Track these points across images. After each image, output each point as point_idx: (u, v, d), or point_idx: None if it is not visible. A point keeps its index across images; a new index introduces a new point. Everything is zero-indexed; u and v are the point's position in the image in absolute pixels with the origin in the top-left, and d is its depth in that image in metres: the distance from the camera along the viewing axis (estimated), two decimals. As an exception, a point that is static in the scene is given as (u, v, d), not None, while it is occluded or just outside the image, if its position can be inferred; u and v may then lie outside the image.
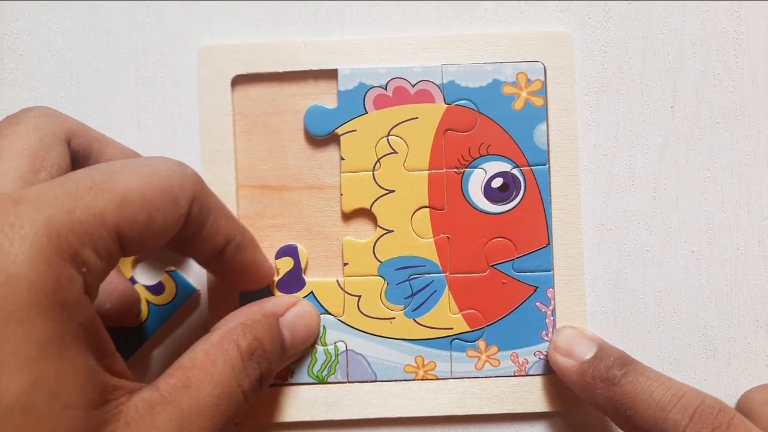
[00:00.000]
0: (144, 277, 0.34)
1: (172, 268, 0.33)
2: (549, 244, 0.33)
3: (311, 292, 0.33)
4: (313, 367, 0.33)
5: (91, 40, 0.34)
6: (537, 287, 0.33)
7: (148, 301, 0.33)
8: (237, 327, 0.28)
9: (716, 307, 0.34)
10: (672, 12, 0.34)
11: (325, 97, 0.34)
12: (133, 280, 0.33)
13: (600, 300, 0.34)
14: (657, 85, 0.34)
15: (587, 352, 0.30)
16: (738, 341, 0.34)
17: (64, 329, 0.21)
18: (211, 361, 0.26)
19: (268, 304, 0.30)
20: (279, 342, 0.29)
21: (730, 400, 0.33)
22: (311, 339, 0.32)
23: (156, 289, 0.33)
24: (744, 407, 0.32)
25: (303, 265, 0.33)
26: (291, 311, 0.31)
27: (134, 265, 0.33)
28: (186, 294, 0.33)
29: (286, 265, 0.33)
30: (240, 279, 0.31)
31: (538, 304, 0.33)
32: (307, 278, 0.33)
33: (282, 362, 0.30)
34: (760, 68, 0.34)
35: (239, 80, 0.33)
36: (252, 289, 0.32)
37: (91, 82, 0.34)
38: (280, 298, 0.31)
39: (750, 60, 0.34)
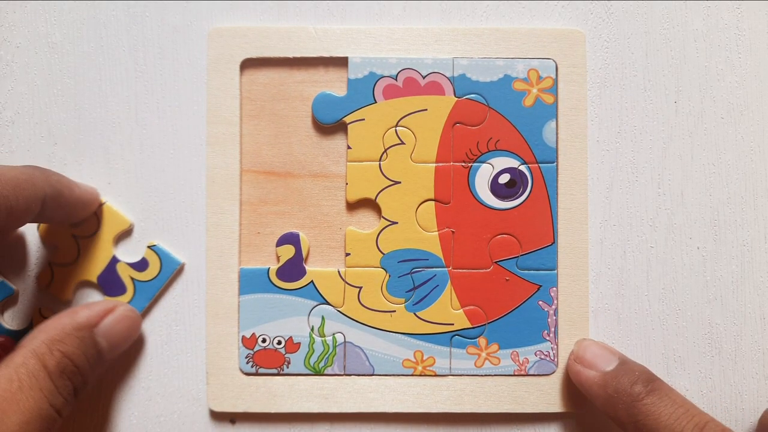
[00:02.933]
0: (126, 255, 0.33)
1: (154, 243, 0.33)
2: (554, 242, 0.33)
3: (311, 281, 0.33)
4: (310, 357, 0.33)
5: (90, 33, 0.33)
6: (540, 286, 0.33)
7: (132, 279, 0.32)
8: (42, 344, 0.27)
9: (722, 305, 0.33)
10: (674, 8, 0.34)
11: (334, 84, 0.33)
12: (115, 259, 0.33)
13: (604, 297, 0.33)
14: (660, 81, 0.34)
15: (609, 364, 0.30)
16: (744, 339, 0.33)
17: None
18: (16, 387, 0.25)
19: (81, 315, 0.29)
20: (93, 354, 0.29)
21: (736, 399, 0.33)
22: (131, 341, 0.32)
23: (140, 266, 0.33)
24: (765, 426, 0.31)
25: (304, 254, 0.33)
26: (107, 319, 0.30)
27: (115, 242, 0.33)
28: (171, 268, 0.33)
29: (287, 252, 0.33)
30: (70, 217, 0.31)
31: (540, 302, 0.33)
32: (307, 267, 0.33)
33: (100, 370, 0.30)
34: (763, 64, 0.34)
35: (248, 64, 0.33)
36: (77, 217, 0.32)
37: (88, 74, 0.33)
38: (95, 306, 0.30)
39: (753, 56, 0.34)
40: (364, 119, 0.33)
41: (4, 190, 0.27)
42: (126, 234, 0.33)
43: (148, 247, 0.33)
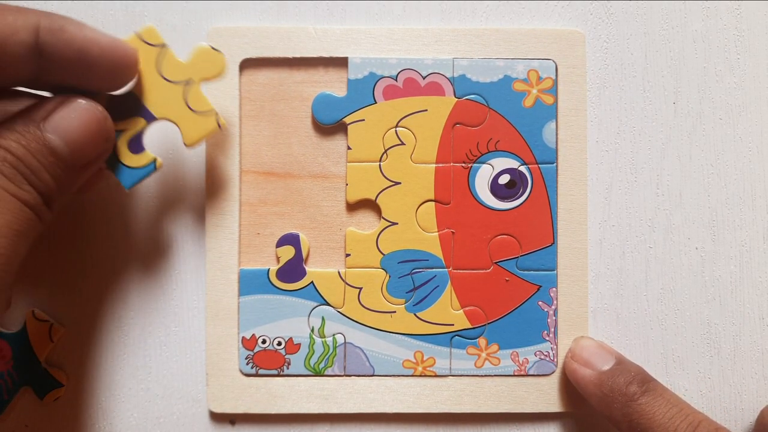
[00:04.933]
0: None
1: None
2: (554, 243, 0.33)
3: (311, 282, 0.33)
4: (310, 358, 0.33)
5: None
6: (540, 286, 0.33)
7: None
8: None
9: (720, 305, 0.34)
10: (673, 9, 0.34)
11: (334, 85, 0.33)
12: None
13: (603, 297, 0.33)
14: (659, 82, 0.34)
15: (606, 364, 0.30)
16: (743, 339, 0.34)
17: None
18: None
19: (25, 110, 0.26)
20: (40, 149, 0.25)
21: (735, 399, 0.33)
22: (100, 138, 0.27)
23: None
24: (763, 425, 0.31)
25: (304, 255, 0.33)
26: (58, 112, 0.26)
27: None
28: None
29: (287, 253, 0.33)
30: (88, 68, 0.26)
31: (540, 303, 0.33)
32: (307, 268, 0.33)
33: (62, 173, 0.26)
34: (762, 64, 0.34)
35: (248, 64, 0.33)
36: (112, 79, 0.27)
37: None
38: (47, 101, 0.26)
39: (752, 56, 0.34)
40: (364, 120, 0.33)
41: None
42: None
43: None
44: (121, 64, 0.27)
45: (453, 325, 0.33)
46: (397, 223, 0.33)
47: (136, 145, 0.29)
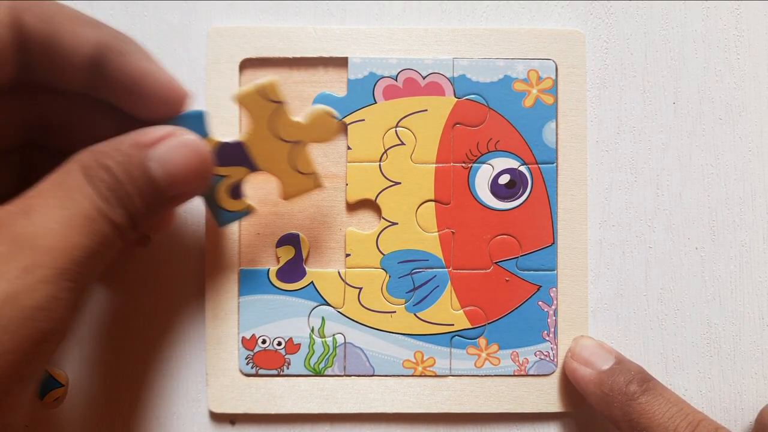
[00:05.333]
0: None
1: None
2: (554, 243, 0.33)
3: (311, 282, 0.33)
4: (310, 359, 0.33)
5: None
6: (540, 286, 0.33)
7: None
8: (88, 154, 0.24)
9: (720, 305, 0.34)
10: (673, 9, 0.34)
11: (334, 85, 0.33)
12: None
13: (602, 298, 0.33)
14: (659, 82, 0.34)
15: (605, 363, 0.30)
16: (743, 339, 0.34)
17: None
18: (56, 188, 0.23)
19: (135, 134, 0.26)
20: (140, 176, 0.25)
21: (735, 399, 0.33)
22: (198, 177, 0.27)
23: None
24: (762, 424, 0.31)
25: (304, 255, 0.33)
26: (165, 143, 0.26)
27: None
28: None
29: (287, 253, 0.33)
30: (140, 97, 0.27)
31: (540, 303, 0.33)
32: (307, 268, 0.33)
33: (155, 202, 0.26)
34: (762, 65, 0.34)
35: (248, 64, 0.33)
36: (158, 111, 0.27)
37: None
38: (153, 129, 0.26)
39: (751, 57, 0.34)
40: (364, 120, 0.33)
41: (57, 13, 0.24)
42: None
43: None
44: (169, 103, 0.27)
45: (453, 325, 0.33)
46: (397, 223, 0.33)
47: (236, 192, 0.30)
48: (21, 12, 0.23)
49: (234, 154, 0.30)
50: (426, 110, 0.33)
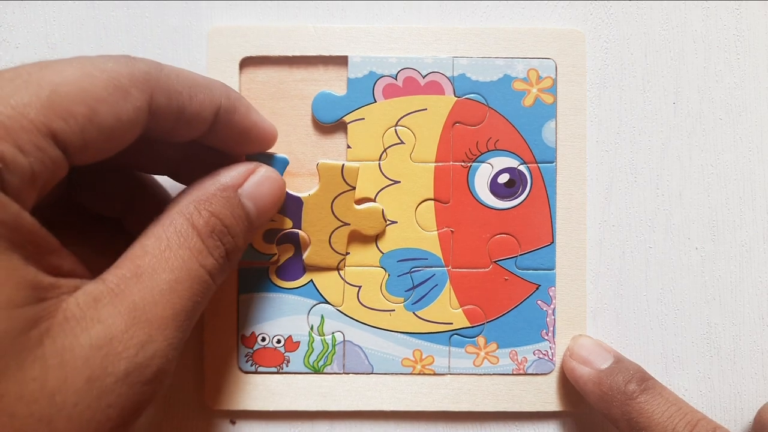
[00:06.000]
0: None
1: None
2: (553, 242, 0.33)
3: (311, 280, 0.33)
4: (309, 356, 0.33)
5: (89, 33, 0.33)
6: (539, 285, 0.33)
7: None
8: (189, 204, 0.26)
9: (720, 305, 0.34)
10: (674, 9, 0.34)
11: (334, 83, 0.33)
12: None
13: (602, 298, 0.33)
14: (659, 82, 0.34)
15: (604, 362, 0.30)
16: (743, 339, 0.34)
17: None
18: (164, 245, 0.24)
19: (224, 176, 0.27)
20: (242, 215, 0.27)
21: (735, 399, 0.33)
22: (278, 205, 0.30)
23: None
24: (761, 424, 0.31)
25: (304, 253, 0.33)
26: (251, 180, 0.28)
27: None
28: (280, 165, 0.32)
29: (287, 251, 0.33)
30: (241, 143, 0.29)
31: (539, 302, 0.33)
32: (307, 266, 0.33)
33: (250, 235, 0.28)
34: (762, 65, 0.34)
35: (248, 62, 0.33)
36: (256, 150, 0.30)
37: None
38: (236, 168, 0.28)
39: (751, 56, 0.34)
40: (363, 119, 0.33)
41: (179, 86, 0.25)
42: None
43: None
44: (268, 146, 0.30)
45: (452, 323, 0.33)
46: (396, 222, 0.33)
47: (270, 237, 0.32)
48: (154, 92, 0.24)
49: (289, 205, 0.31)
50: (425, 109, 0.33)
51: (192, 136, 0.27)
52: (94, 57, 0.24)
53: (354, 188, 0.32)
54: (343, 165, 0.32)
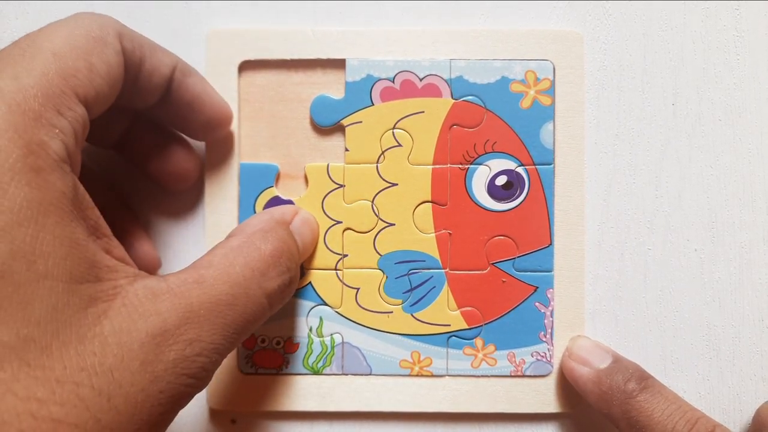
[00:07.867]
0: None
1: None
2: (551, 244, 0.33)
3: (309, 282, 0.33)
4: (308, 358, 0.33)
5: None
6: (537, 287, 0.33)
7: None
8: (257, 233, 0.27)
9: (719, 306, 0.33)
10: (672, 10, 0.34)
11: (332, 87, 0.33)
12: None
13: (601, 299, 0.33)
14: (658, 83, 0.34)
15: (603, 362, 0.30)
16: (742, 341, 0.33)
17: (41, 195, 0.20)
18: (229, 262, 0.25)
19: (277, 213, 0.30)
20: (296, 248, 0.29)
21: (734, 401, 0.33)
22: (315, 245, 0.32)
23: None
24: (760, 423, 0.31)
25: (302, 255, 0.33)
26: (296, 218, 0.30)
27: None
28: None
29: (285, 254, 0.33)
30: (194, 110, 0.30)
31: (537, 304, 0.33)
32: (305, 268, 0.33)
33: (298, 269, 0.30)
34: (761, 65, 0.33)
35: (246, 66, 0.33)
36: (212, 132, 0.31)
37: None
38: (282, 207, 0.31)
39: (751, 57, 0.34)
40: (361, 122, 0.33)
41: (140, 38, 0.27)
42: None
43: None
44: (216, 121, 0.31)
45: (450, 325, 0.33)
46: (394, 224, 0.33)
47: None
48: (122, 38, 0.26)
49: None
50: (423, 112, 0.33)
51: (149, 98, 0.28)
52: (62, 20, 0.25)
53: (342, 186, 0.32)
54: (328, 165, 0.33)
